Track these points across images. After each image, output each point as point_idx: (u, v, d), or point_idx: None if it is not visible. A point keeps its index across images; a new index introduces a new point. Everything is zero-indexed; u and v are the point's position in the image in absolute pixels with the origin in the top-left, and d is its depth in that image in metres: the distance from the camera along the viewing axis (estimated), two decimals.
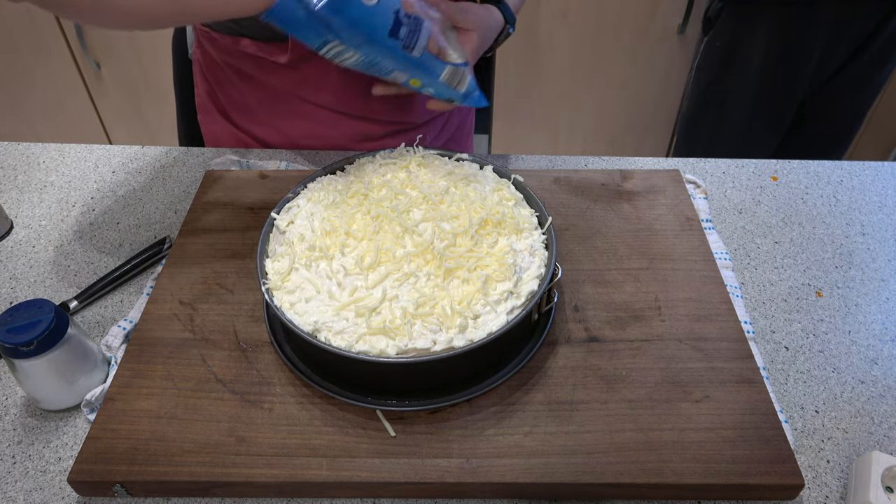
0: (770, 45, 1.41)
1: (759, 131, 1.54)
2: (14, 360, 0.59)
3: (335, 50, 0.65)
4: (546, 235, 0.67)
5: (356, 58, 0.66)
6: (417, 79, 0.70)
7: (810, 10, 1.34)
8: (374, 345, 0.57)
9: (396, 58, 0.67)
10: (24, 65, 1.93)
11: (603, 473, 0.56)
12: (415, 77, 0.70)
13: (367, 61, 0.66)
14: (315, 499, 0.58)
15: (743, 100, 1.50)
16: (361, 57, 0.66)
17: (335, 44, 0.64)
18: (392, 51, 0.66)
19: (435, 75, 0.70)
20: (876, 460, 0.56)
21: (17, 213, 0.86)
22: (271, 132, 0.94)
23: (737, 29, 1.43)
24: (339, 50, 0.65)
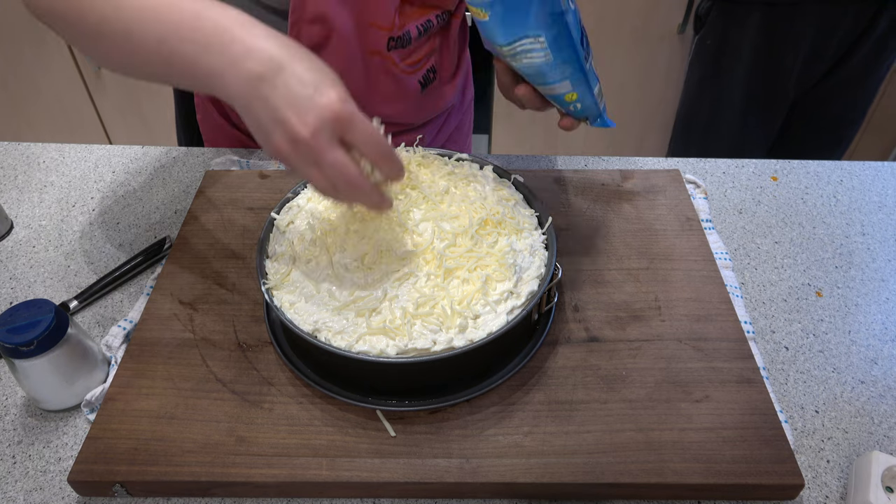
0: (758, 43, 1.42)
1: (752, 129, 1.55)
2: (14, 360, 0.59)
3: (526, 47, 0.62)
4: (546, 235, 0.67)
5: (541, 60, 0.63)
6: (576, 92, 0.67)
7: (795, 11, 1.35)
8: (374, 345, 0.57)
9: (576, 66, 0.64)
10: (24, 65, 1.93)
11: (603, 473, 0.56)
12: (576, 90, 0.66)
13: (549, 64, 0.63)
14: (315, 499, 0.58)
15: (734, 97, 1.51)
16: (549, 59, 0.63)
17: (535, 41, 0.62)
18: (577, 58, 0.63)
19: (591, 89, 0.67)
20: (876, 460, 0.56)
21: (17, 213, 0.86)
22: None
23: (726, 27, 1.44)
24: (530, 48, 0.62)
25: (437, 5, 0.85)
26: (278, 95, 0.49)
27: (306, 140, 0.49)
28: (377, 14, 0.79)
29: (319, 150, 0.50)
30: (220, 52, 0.50)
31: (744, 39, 1.42)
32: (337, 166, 0.51)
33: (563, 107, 0.69)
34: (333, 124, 0.50)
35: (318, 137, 0.49)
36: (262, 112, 0.50)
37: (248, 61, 0.50)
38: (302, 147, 0.50)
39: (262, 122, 0.51)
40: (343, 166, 0.51)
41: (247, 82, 0.50)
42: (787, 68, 1.43)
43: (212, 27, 0.51)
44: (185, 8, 0.52)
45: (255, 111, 0.50)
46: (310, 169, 0.51)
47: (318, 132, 0.49)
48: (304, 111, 0.49)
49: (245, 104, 0.51)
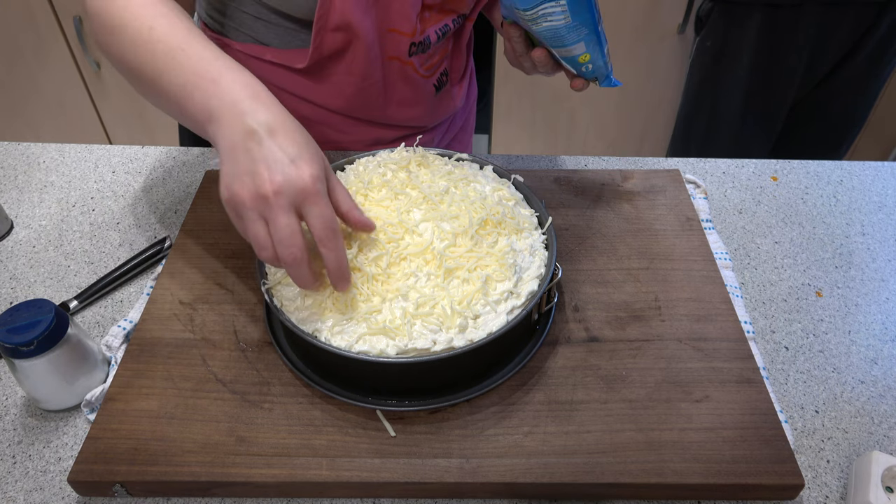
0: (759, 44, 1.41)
1: (752, 130, 1.55)
2: (14, 360, 0.59)
3: (547, 10, 0.65)
4: (546, 235, 0.67)
5: (561, 22, 0.66)
6: (589, 53, 0.70)
7: (798, 12, 1.35)
8: (374, 345, 0.57)
9: (592, 27, 0.67)
10: (24, 65, 1.93)
11: (603, 473, 0.56)
12: (590, 50, 0.70)
13: (567, 26, 0.66)
14: (315, 499, 0.58)
15: (734, 98, 1.51)
16: (568, 21, 0.66)
17: (556, 4, 0.64)
18: (593, 20, 0.66)
19: (603, 49, 0.70)
20: (876, 460, 0.56)
21: (17, 213, 0.86)
22: None
23: (726, 28, 1.44)
24: (552, 11, 0.65)
25: (455, 10, 0.86)
26: (260, 153, 0.54)
27: (268, 195, 0.53)
28: (399, 20, 0.80)
29: (276, 208, 0.53)
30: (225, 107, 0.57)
31: (744, 40, 1.42)
32: (285, 229, 0.53)
33: (575, 68, 0.72)
34: (298, 193, 0.53)
35: (279, 197, 0.53)
36: (241, 160, 0.54)
37: (248, 119, 0.55)
38: (261, 201, 0.53)
39: (236, 171, 0.55)
40: (291, 231, 0.53)
41: (240, 134, 0.55)
42: (788, 70, 1.43)
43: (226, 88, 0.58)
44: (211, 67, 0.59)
45: (235, 158, 0.55)
46: (257, 224, 0.54)
47: (280, 193, 0.53)
48: (275, 172, 0.53)
49: (229, 150, 0.56)
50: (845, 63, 1.41)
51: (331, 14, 0.75)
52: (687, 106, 1.62)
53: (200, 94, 0.58)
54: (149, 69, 0.62)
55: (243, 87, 0.58)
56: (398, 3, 0.78)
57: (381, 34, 0.80)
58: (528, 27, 0.69)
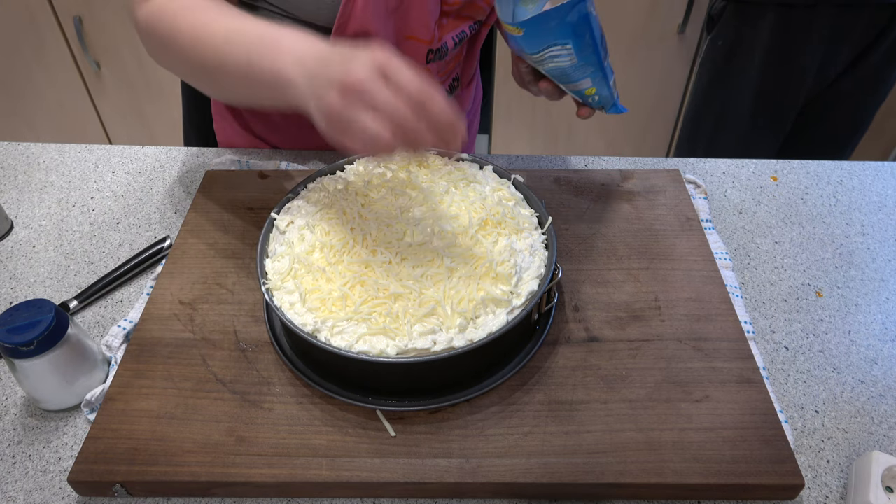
0: (772, 45, 1.41)
1: (761, 131, 1.54)
2: (14, 360, 0.59)
3: (554, 53, 0.67)
4: (546, 235, 0.67)
5: (567, 63, 0.68)
6: (596, 86, 0.72)
7: (811, 13, 1.34)
8: (374, 345, 0.57)
9: (597, 65, 0.70)
10: (24, 65, 1.93)
11: (603, 473, 0.56)
12: (596, 84, 0.72)
13: (573, 66, 0.69)
14: (315, 499, 0.58)
15: (744, 98, 1.50)
16: (574, 62, 0.68)
17: (563, 49, 0.67)
18: (598, 59, 0.69)
19: (609, 81, 0.73)
20: (876, 460, 0.56)
21: (17, 213, 0.86)
22: (288, 140, 0.94)
23: (739, 28, 1.43)
24: (558, 54, 0.67)
25: (472, 16, 0.86)
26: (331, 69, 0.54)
27: (356, 84, 0.51)
28: (418, 28, 0.80)
29: (372, 91, 0.51)
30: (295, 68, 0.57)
31: (757, 40, 1.41)
32: (391, 100, 0.51)
33: (582, 99, 0.76)
34: (379, 67, 0.52)
35: (366, 81, 0.52)
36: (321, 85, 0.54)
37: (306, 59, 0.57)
38: (354, 94, 0.52)
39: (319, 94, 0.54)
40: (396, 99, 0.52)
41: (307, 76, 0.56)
42: (799, 71, 1.42)
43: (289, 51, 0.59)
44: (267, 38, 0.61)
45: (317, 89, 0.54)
46: (365, 115, 0.52)
47: (366, 76, 0.52)
48: (350, 66, 0.52)
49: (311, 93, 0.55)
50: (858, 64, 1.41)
51: (350, 22, 0.75)
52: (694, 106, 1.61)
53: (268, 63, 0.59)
54: (211, 61, 0.64)
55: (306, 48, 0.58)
56: (417, 11, 0.78)
57: (399, 42, 0.81)
58: (535, 66, 0.71)
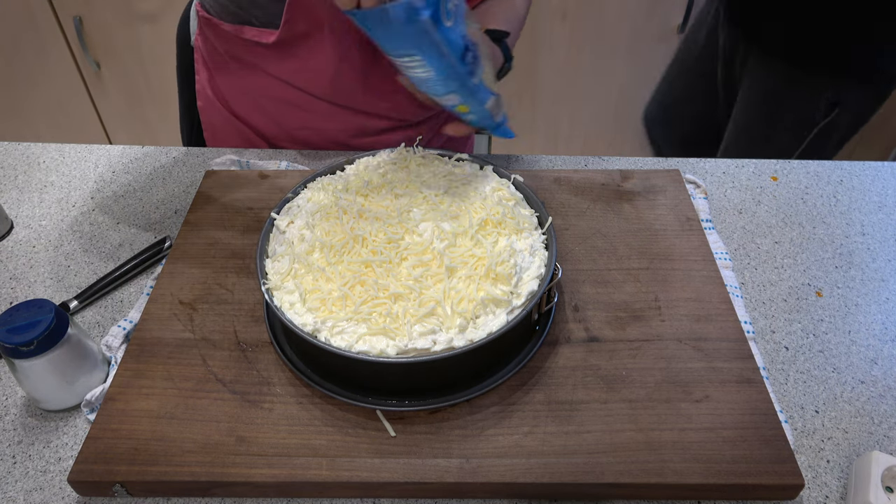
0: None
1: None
2: (14, 360, 0.59)
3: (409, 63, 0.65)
4: (546, 235, 0.67)
5: (425, 75, 0.66)
6: (467, 105, 0.70)
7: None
8: (374, 345, 0.57)
9: (461, 81, 0.67)
10: (24, 65, 1.93)
11: (603, 473, 0.56)
12: (466, 103, 0.70)
13: (433, 79, 0.66)
14: (315, 499, 0.58)
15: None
16: (432, 74, 0.66)
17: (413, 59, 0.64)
18: (459, 74, 0.66)
19: (482, 103, 0.71)
20: (876, 460, 0.56)
21: (17, 213, 0.86)
22: (268, 122, 0.94)
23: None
24: (413, 65, 0.65)
25: None
26: None
27: None
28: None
29: None
30: None
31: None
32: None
33: (458, 115, 0.73)
34: None
35: None
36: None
37: None
38: None
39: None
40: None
41: None
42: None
43: None
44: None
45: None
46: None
47: None
48: None
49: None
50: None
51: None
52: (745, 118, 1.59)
53: None
54: None
55: None
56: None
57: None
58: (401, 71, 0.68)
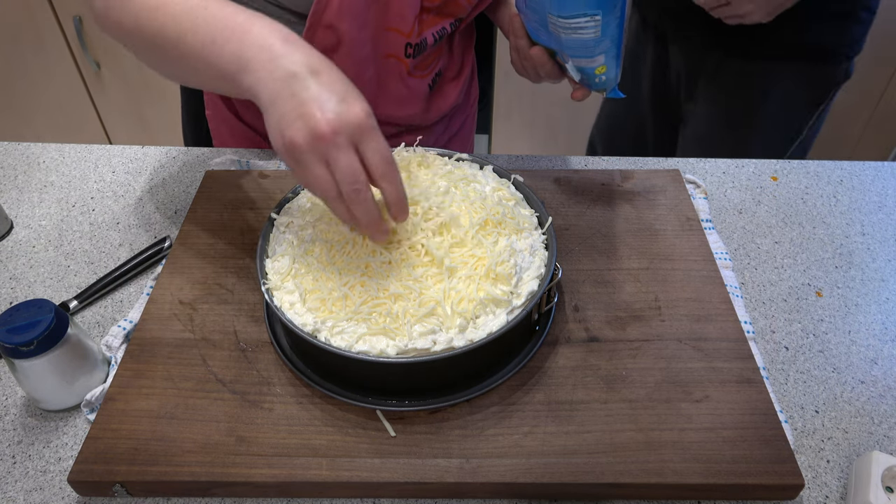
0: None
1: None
2: (14, 360, 0.59)
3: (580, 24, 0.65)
4: (546, 235, 0.67)
5: (590, 36, 0.66)
6: (607, 65, 0.70)
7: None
8: (374, 345, 0.57)
9: (617, 42, 0.67)
10: (24, 65, 1.93)
11: (603, 473, 0.56)
12: (608, 63, 0.69)
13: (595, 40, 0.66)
14: (315, 499, 0.58)
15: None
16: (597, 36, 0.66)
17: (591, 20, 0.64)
18: (620, 36, 0.66)
19: (619, 58, 0.70)
20: (876, 460, 0.56)
21: (17, 213, 0.86)
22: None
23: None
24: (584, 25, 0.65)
25: (453, 14, 0.86)
26: (308, 94, 0.52)
27: (325, 135, 0.51)
28: (397, 20, 0.80)
29: (336, 146, 0.52)
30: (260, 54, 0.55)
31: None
32: (349, 167, 0.53)
33: (588, 78, 0.72)
34: (354, 129, 0.52)
35: (338, 136, 0.52)
36: (288, 105, 0.53)
37: (286, 62, 0.54)
38: (319, 142, 0.52)
39: (285, 115, 0.53)
40: (354, 169, 0.53)
41: (281, 78, 0.53)
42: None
43: (257, 35, 0.56)
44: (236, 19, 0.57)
45: (281, 104, 0.53)
46: (318, 166, 0.53)
47: (339, 132, 0.52)
48: (328, 111, 0.52)
49: (272, 97, 0.54)
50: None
51: (327, 10, 0.75)
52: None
53: (232, 45, 0.56)
54: (170, 31, 0.60)
55: (274, 31, 0.56)
56: (397, 5, 0.78)
57: (379, 32, 0.80)
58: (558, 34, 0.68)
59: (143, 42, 0.63)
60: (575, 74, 0.73)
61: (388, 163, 0.54)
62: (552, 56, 0.74)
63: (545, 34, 0.71)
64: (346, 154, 0.52)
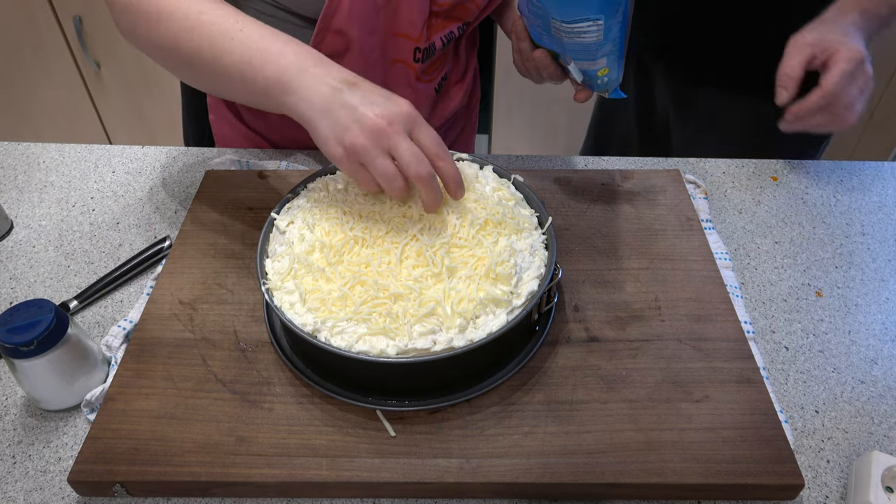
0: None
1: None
2: (14, 360, 0.59)
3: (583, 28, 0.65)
4: (546, 235, 0.67)
5: (592, 39, 0.66)
6: (609, 67, 0.70)
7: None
8: (374, 345, 0.57)
9: (619, 45, 0.68)
10: (24, 65, 1.93)
11: (603, 473, 0.56)
12: (610, 65, 0.70)
13: (597, 43, 0.67)
14: (315, 499, 0.58)
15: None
16: (599, 39, 0.66)
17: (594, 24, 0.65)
18: (622, 39, 0.67)
19: (622, 60, 0.71)
20: (876, 460, 0.56)
21: (17, 213, 0.86)
22: (283, 135, 0.94)
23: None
24: (587, 29, 0.65)
25: (461, 17, 0.86)
26: (355, 101, 0.58)
27: (384, 128, 0.57)
28: (406, 26, 0.81)
29: (396, 135, 0.57)
30: (298, 75, 0.60)
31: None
32: (412, 152, 0.57)
33: (590, 79, 0.73)
34: (406, 119, 0.58)
35: (394, 125, 0.57)
36: (339, 115, 0.58)
37: (326, 80, 0.59)
38: (380, 136, 0.57)
39: (338, 124, 0.58)
40: (416, 152, 0.57)
41: (325, 95, 0.58)
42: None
43: (293, 58, 0.61)
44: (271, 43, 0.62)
45: (331, 117, 0.58)
46: (383, 159, 0.58)
47: (394, 122, 0.57)
48: (380, 108, 0.57)
49: (319, 113, 0.59)
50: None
51: (336, 15, 0.75)
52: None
53: (269, 67, 0.60)
54: (206, 52, 0.63)
55: (307, 54, 0.61)
56: (406, 9, 0.79)
57: (388, 38, 0.81)
58: (560, 37, 0.68)
59: (180, 61, 0.67)
60: (577, 76, 0.73)
61: (440, 145, 0.59)
62: (555, 58, 0.74)
63: (548, 37, 0.71)
64: (406, 141, 0.57)
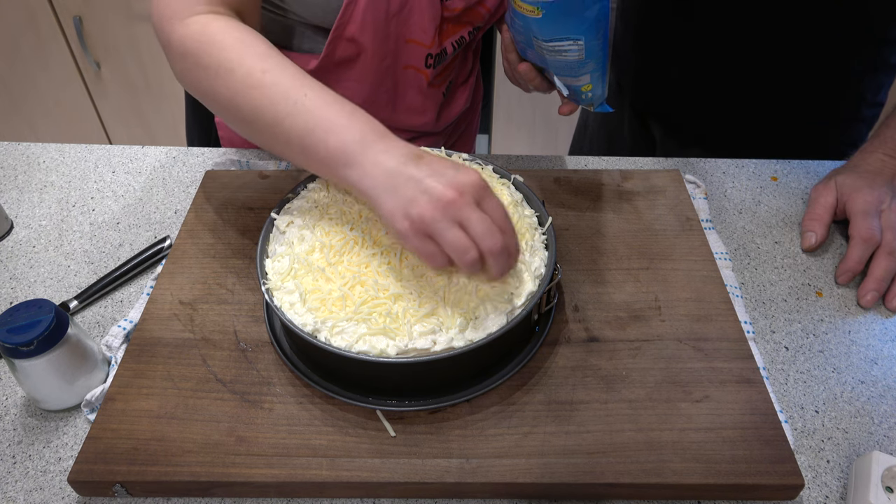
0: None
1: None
2: (14, 360, 0.59)
3: (564, 47, 0.65)
4: (546, 235, 0.67)
5: (574, 58, 0.66)
6: (593, 83, 0.71)
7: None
8: (374, 345, 0.57)
9: (601, 63, 0.67)
10: (24, 65, 1.93)
11: (603, 473, 0.56)
12: (594, 82, 0.70)
13: (579, 62, 0.67)
14: (315, 499, 0.58)
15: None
16: (581, 58, 0.66)
17: (574, 44, 0.64)
18: (604, 57, 0.67)
19: (605, 81, 0.71)
20: (876, 460, 0.56)
21: (17, 213, 0.86)
22: None
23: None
24: (568, 48, 0.65)
25: (471, 22, 0.86)
26: (422, 174, 0.55)
27: (455, 199, 0.54)
28: (418, 32, 0.81)
29: (466, 206, 0.54)
30: (363, 149, 0.57)
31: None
32: (483, 224, 0.54)
33: (574, 94, 0.73)
34: (475, 190, 0.55)
35: (465, 196, 0.54)
36: (407, 188, 0.55)
37: (391, 155, 0.57)
38: (450, 207, 0.54)
39: (405, 198, 0.55)
40: (488, 224, 0.54)
41: (391, 169, 0.56)
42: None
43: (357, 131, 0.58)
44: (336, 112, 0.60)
45: (398, 191, 0.55)
46: (453, 230, 0.54)
47: (465, 193, 0.54)
48: (449, 180, 0.54)
49: (384, 188, 0.56)
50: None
51: (350, 24, 0.76)
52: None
53: (332, 138, 0.58)
54: (267, 114, 0.61)
55: (373, 129, 0.59)
56: (417, 16, 0.79)
57: (400, 44, 0.81)
58: (543, 54, 0.69)
59: (237, 117, 0.64)
60: (563, 90, 0.74)
61: (507, 217, 0.57)
62: (541, 72, 0.75)
63: (532, 52, 0.72)
64: (477, 212, 0.54)
